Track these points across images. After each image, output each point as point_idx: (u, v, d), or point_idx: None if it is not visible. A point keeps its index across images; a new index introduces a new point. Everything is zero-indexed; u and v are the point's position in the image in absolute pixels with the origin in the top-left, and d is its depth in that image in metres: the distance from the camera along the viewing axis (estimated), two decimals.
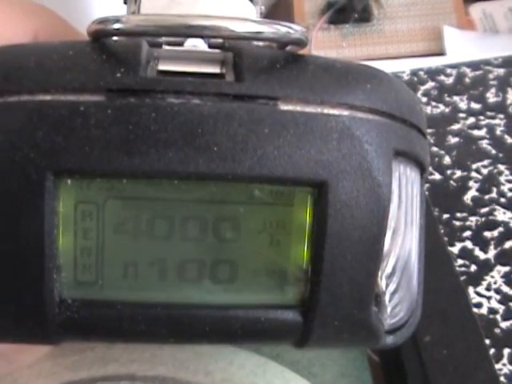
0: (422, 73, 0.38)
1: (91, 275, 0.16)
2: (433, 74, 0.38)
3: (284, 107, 0.16)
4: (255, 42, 0.17)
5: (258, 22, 0.16)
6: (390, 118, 0.17)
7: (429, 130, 0.35)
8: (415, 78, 0.38)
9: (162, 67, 0.16)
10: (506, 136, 0.35)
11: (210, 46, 0.18)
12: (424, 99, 0.37)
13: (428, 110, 0.36)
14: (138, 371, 0.24)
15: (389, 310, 0.18)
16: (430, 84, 0.38)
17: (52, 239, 0.16)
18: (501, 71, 0.38)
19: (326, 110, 0.16)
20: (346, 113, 0.16)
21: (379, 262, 0.17)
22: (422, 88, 0.38)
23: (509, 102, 0.36)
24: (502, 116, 0.36)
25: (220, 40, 0.18)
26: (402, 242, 0.18)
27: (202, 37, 0.17)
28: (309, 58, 0.17)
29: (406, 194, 0.18)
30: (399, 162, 0.17)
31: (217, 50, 0.17)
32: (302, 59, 0.17)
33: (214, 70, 0.17)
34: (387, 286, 0.18)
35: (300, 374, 0.26)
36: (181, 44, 0.18)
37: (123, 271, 0.16)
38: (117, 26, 0.16)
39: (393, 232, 0.17)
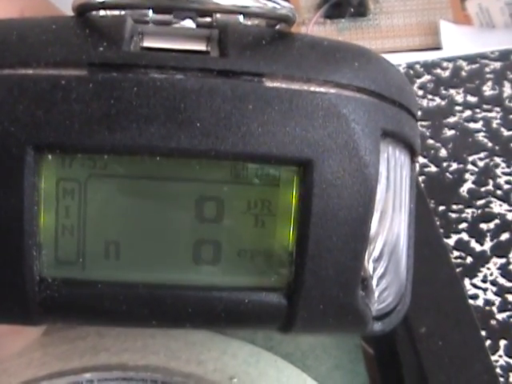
0: (418, 66, 0.38)
1: (72, 254, 0.16)
2: (429, 67, 0.38)
3: (269, 84, 0.16)
4: (243, 21, 0.17)
5: None
6: (378, 98, 0.17)
7: (425, 123, 0.35)
8: (411, 71, 0.38)
9: (146, 44, 0.16)
10: (502, 129, 0.35)
11: (198, 26, 0.18)
12: (420, 92, 0.37)
13: (424, 102, 0.36)
14: (130, 361, 0.24)
15: (376, 294, 0.18)
16: (427, 77, 0.38)
17: (32, 216, 0.15)
18: (497, 65, 0.38)
19: (313, 88, 0.16)
20: (332, 90, 0.16)
21: (366, 245, 0.16)
22: (419, 81, 0.37)
23: (505, 95, 0.36)
24: (498, 109, 0.36)
25: (208, 19, 0.17)
26: (390, 225, 0.17)
27: (188, 10, 0.17)
28: (296, 36, 0.17)
29: (394, 176, 0.17)
30: (388, 143, 0.17)
31: (203, 29, 0.17)
32: (288, 36, 0.17)
33: (199, 46, 0.16)
34: (374, 269, 0.17)
35: (294, 366, 0.25)
36: (168, 24, 0.18)
37: (105, 250, 0.16)
38: None
39: (380, 215, 0.17)
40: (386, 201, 0.17)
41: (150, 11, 0.17)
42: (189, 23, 0.18)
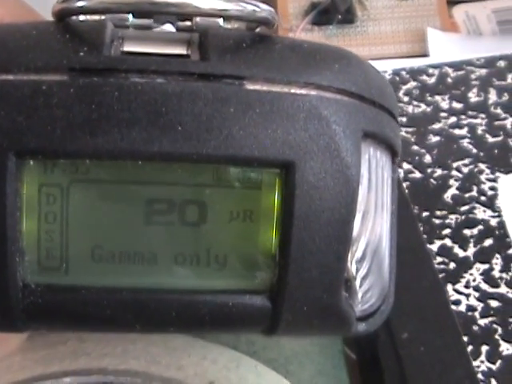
0: (404, 72, 0.38)
1: (55, 259, 0.16)
2: (415, 73, 0.38)
3: (250, 87, 0.16)
4: (223, 24, 0.17)
5: (224, 0, 0.16)
6: (359, 99, 0.17)
7: (410, 129, 0.35)
8: (397, 78, 0.38)
9: (126, 48, 0.16)
10: (487, 135, 0.35)
11: (178, 30, 0.18)
12: (406, 98, 0.37)
13: (410, 109, 0.36)
14: (110, 365, 0.24)
15: (360, 295, 0.18)
16: (412, 84, 0.38)
17: (15, 221, 0.15)
18: (483, 71, 0.38)
19: (293, 90, 0.16)
20: (313, 93, 0.16)
21: (348, 246, 0.16)
22: (404, 87, 0.38)
23: (490, 101, 0.37)
24: (483, 115, 0.36)
25: (188, 23, 0.17)
26: (373, 226, 0.18)
27: (167, 14, 0.17)
28: (276, 39, 0.17)
29: (376, 177, 0.17)
30: (369, 145, 0.17)
31: (184, 33, 0.17)
32: (269, 39, 0.17)
33: (180, 50, 0.16)
34: (357, 270, 0.17)
35: (277, 372, 0.25)
36: (149, 28, 0.18)
37: (88, 256, 0.16)
38: (80, 3, 0.16)
39: (362, 215, 0.17)
40: (367, 202, 0.17)
41: (130, 16, 0.17)
42: (169, 27, 0.18)
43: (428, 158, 0.34)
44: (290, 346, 0.27)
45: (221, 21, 0.17)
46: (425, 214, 0.31)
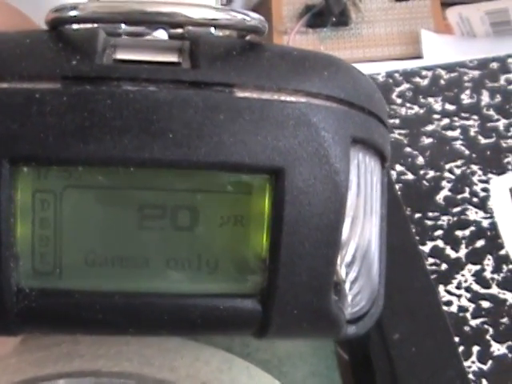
0: (397, 75, 0.39)
1: (49, 264, 0.16)
2: (408, 75, 0.39)
3: (240, 94, 0.16)
4: (214, 32, 0.17)
5: (214, 9, 0.16)
6: (348, 106, 0.17)
7: (403, 131, 0.35)
8: (390, 80, 0.38)
9: (118, 56, 0.16)
10: (480, 137, 0.35)
11: (170, 37, 0.18)
12: (399, 100, 0.37)
13: (402, 111, 0.37)
14: (104, 367, 0.24)
15: (349, 298, 0.18)
16: (405, 86, 0.38)
17: (9, 227, 0.15)
18: (476, 73, 0.38)
19: (283, 97, 0.16)
20: (302, 100, 0.16)
21: (338, 250, 0.17)
22: (397, 90, 0.38)
23: (483, 103, 0.37)
24: (476, 117, 0.36)
25: (180, 31, 0.18)
26: (362, 230, 0.18)
27: (158, 23, 0.17)
28: (266, 46, 0.17)
29: (365, 182, 0.18)
30: (358, 150, 0.17)
31: (175, 40, 0.18)
32: (258, 47, 0.17)
33: (171, 58, 0.17)
34: (347, 274, 0.18)
35: (270, 373, 0.25)
36: (141, 35, 0.18)
37: (81, 260, 0.16)
38: (73, 13, 0.16)
39: (352, 220, 0.17)
40: (357, 206, 0.18)
41: (123, 24, 0.17)
42: (161, 34, 0.18)
43: (420, 160, 0.34)
44: (283, 348, 0.27)
45: (212, 28, 0.17)
46: (417, 215, 0.32)
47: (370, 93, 0.18)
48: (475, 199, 0.32)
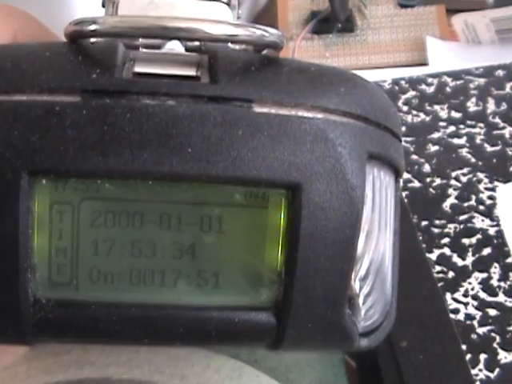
0: (403, 82, 0.39)
1: (66, 275, 0.16)
2: (414, 83, 0.39)
3: (258, 109, 0.16)
4: (231, 46, 0.18)
5: (233, 25, 0.16)
6: (364, 122, 0.17)
7: (409, 139, 0.35)
8: (396, 87, 0.38)
9: (137, 69, 0.16)
10: (486, 144, 0.35)
11: (187, 50, 0.18)
12: (405, 108, 0.37)
13: (409, 118, 0.37)
14: (114, 374, 0.24)
15: (363, 312, 0.18)
16: (411, 93, 0.38)
17: (27, 239, 0.16)
18: (481, 81, 0.39)
19: (300, 113, 0.16)
20: (320, 115, 0.16)
21: (352, 265, 0.17)
22: (403, 97, 0.38)
23: (489, 111, 0.37)
24: (482, 125, 0.36)
25: (197, 43, 0.18)
26: (376, 244, 0.18)
27: (177, 38, 0.17)
28: (284, 61, 0.17)
29: (379, 197, 0.18)
30: (373, 166, 0.17)
31: (192, 53, 0.18)
32: (277, 62, 0.17)
33: (190, 72, 0.17)
34: (361, 288, 0.18)
35: (278, 380, 0.26)
36: (158, 47, 0.18)
37: (97, 272, 0.16)
38: (93, 27, 0.16)
39: (366, 235, 0.17)
40: (371, 221, 0.18)
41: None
42: (176, 44, 0.18)
43: (427, 168, 0.34)
44: (290, 355, 0.27)
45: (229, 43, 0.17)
46: (424, 223, 0.32)
47: (385, 108, 0.18)
48: (482, 207, 0.32)
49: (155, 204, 0.16)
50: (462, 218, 0.32)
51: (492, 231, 0.31)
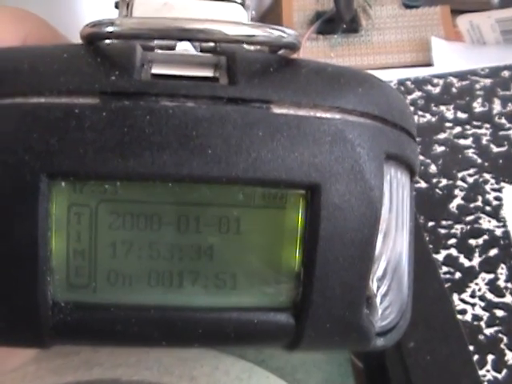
0: (409, 82, 0.39)
1: (84, 278, 0.16)
2: (420, 83, 0.39)
3: (277, 110, 0.16)
4: (247, 46, 0.18)
5: (250, 26, 0.16)
6: (382, 122, 0.17)
7: None
8: (402, 88, 0.38)
9: (155, 70, 0.16)
10: (492, 145, 0.35)
11: (202, 50, 0.18)
12: (411, 108, 0.37)
13: (415, 119, 0.37)
14: (123, 376, 0.24)
15: (380, 312, 0.18)
16: (417, 94, 0.38)
17: (46, 241, 0.16)
18: (487, 81, 0.39)
19: (319, 114, 0.16)
20: (338, 116, 0.16)
21: (371, 265, 0.17)
22: (409, 98, 0.38)
23: (495, 111, 0.37)
24: (488, 126, 0.36)
25: (211, 44, 0.18)
26: (393, 244, 0.18)
27: (195, 40, 0.17)
28: (301, 62, 0.17)
29: (396, 197, 0.18)
30: (390, 166, 0.17)
31: (209, 54, 0.18)
32: (294, 63, 0.17)
33: (208, 73, 0.17)
34: (378, 288, 0.18)
35: (284, 380, 0.26)
36: (172, 48, 0.18)
37: (116, 275, 0.16)
38: (110, 28, 0.16)
39: (384, 235, 0.17)
40: (389, 221, 0.18)
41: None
42: (188, 45, 0.18)
43: (433, 168, 0.34)
44: (297, 355, 0.27)
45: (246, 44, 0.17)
46: (430, 223, 0.32)
47: (402, 109, 0.18)
48: (488, 208, 0.32)
49: (173, 206, 0.16)
50: (468, 218, 0.32)
51: (499, 232, 0.31)
